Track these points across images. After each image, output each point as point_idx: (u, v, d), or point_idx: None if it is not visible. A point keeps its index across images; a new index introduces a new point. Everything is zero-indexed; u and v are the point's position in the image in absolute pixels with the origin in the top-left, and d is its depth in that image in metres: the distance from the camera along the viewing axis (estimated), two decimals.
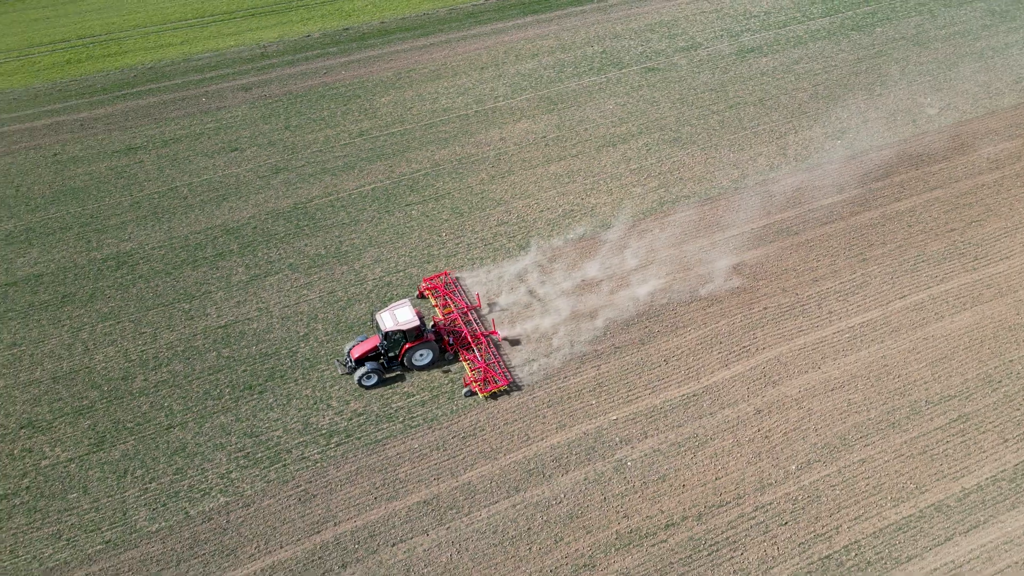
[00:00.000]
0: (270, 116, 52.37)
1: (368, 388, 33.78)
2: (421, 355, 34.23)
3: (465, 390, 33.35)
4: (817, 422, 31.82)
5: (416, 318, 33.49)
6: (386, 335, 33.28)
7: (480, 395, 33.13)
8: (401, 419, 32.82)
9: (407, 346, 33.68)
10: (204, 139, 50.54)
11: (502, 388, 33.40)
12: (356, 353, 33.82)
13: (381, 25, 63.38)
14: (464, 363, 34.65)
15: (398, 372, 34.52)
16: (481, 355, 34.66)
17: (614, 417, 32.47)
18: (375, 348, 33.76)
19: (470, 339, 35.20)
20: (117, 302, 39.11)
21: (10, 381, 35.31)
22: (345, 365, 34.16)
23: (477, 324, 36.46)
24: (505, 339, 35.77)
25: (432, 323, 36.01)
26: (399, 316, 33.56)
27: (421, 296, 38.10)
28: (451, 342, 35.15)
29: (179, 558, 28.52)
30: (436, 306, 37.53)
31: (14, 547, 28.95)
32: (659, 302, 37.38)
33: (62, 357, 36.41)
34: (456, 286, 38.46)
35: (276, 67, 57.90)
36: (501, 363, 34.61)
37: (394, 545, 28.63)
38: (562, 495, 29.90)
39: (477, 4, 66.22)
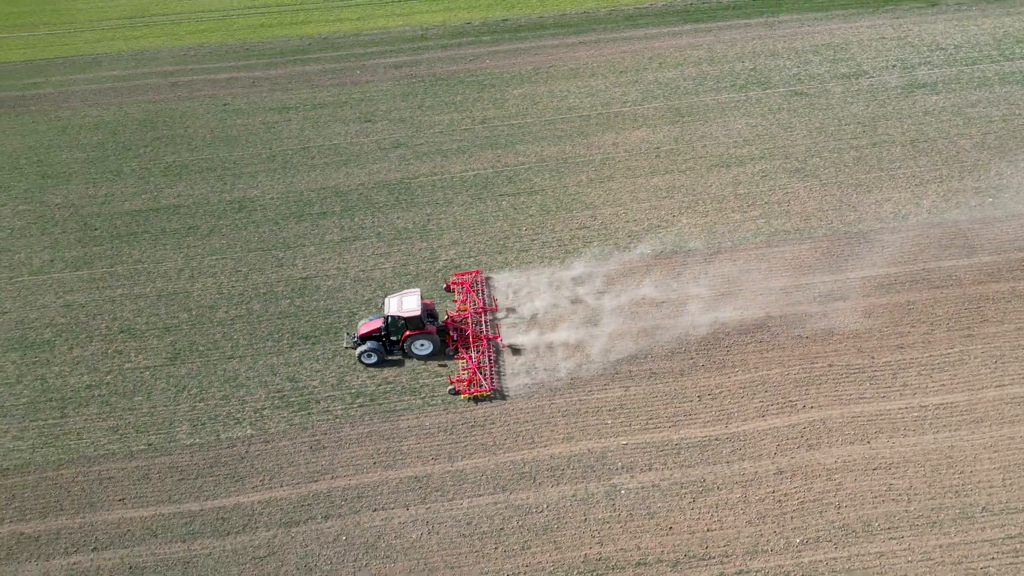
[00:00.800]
0: (408, 94, 55.50)
1: (368, 366, 35.12)
2: (421, 345, 34.99)
3: (449, 388, 33.76)
4: (843, 499, 28.61)
5: (418, 308, 34.20)
6: (388, 319, 34.43)
7: (462, 395, 33.37)
8: (423, 395, 34.00)
9: (407, 334, 34.61)
10: (346, 108, 54.73)
11: (484, 393, 33.28)
12: (362, 330, 35.30)
13: (539, 19, 64.48)
14: (459, 361, 34.98)
15: (399, 357, 35.61)
16: (476, 357, 34.72)
17: (624, 441, 31.35)
18: (379, 329, 35.02)
19: (471, 339, 35.34)
20: (228, 240, 43.85)
21: (125, 291, 41.03)
22: (352, 339, 35.79)
23: (486, 326, 36.57)
24: (510, 346, 35.60)
25: (445, 317, 36.65)
26: (404, 303, 34.56)
27: (448, 289, 38.77)
28: (455, 338, 35.56)
29: (198, 473, 31.88)
30: (455, 301, 38.05)
31: (80, 431, 33.91)
32: (713, 336, 35.28)
33: (170, 279, 41.61)
34: (482, 286, 38.71)
35: (430, 50, 61.04)
36: (493, 369, 34.47)
37: (375, 511, 29.95)
38: (545, 505, 29.52)
39: (641, 7, 65.22)
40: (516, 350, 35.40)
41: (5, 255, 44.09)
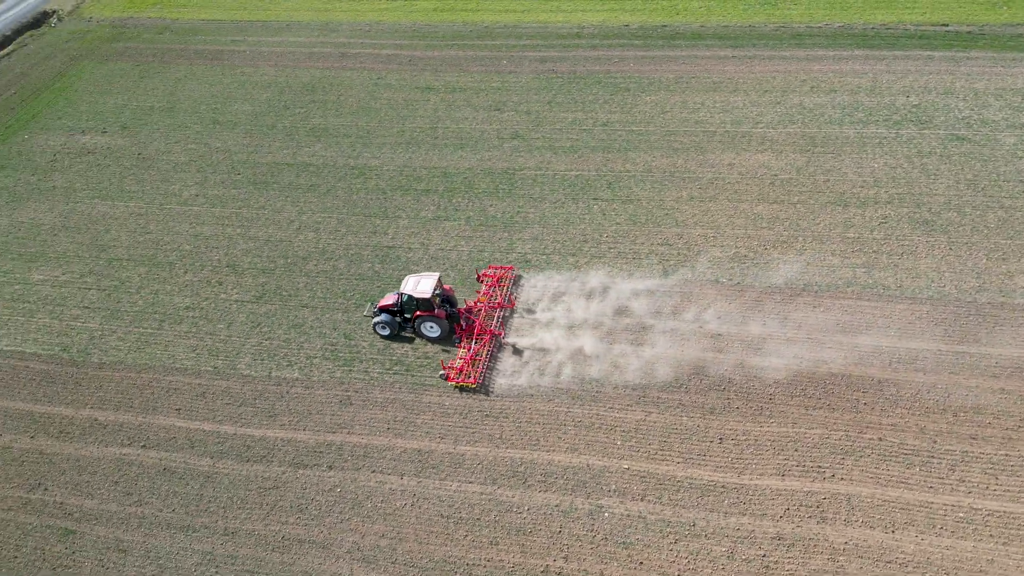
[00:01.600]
0: (542, 89, 56.24)
1: (383, 337, 37.06)
2: (430, 327, 36.01)
3: (440, 373, 34.47)
4: None
5: (430, 291, 35.10)
6: (403, 297, 35.79)
7: (448, 382, 34.13)
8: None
9: (417, 314, 35.77)
10: (482, 95, 56.62)
11: (470, 385, 33.74)
12: (381, 303, 36.96)
13: (699, 28, 62.22)
14: (459, 349, 35.68)
15: (411, 335, 36.94)
16: (474, 348, 35.07)
17: (627, 465, 30.35)
18: (395, 305, 36.48)
19: (476, 331, 35.88)
20: (339, 201, 47.44)
21: (241, 232, 45.88)
22: (372, 308, 37.77)
23: (497, 322, 36.89)
24: (513, 345, 35.73)
25: (463, 305, 37.36)
26: (420, 285, 35.61)
27: (479, 280, 39.30)
28: (462, 327, 36.23)
29: (243, 401, 35.35)
30: (478, 292, 38.59)
31: (168, 344, 38.79)
32: (759, 379, 32.85)
33: (280, 227, 45.91)
34: (508, 283, 39.00)
35: (580, 48, 61.23)
36: (485, 363, 34.70)
37: (373, 472, 31.58)
38: (525, 508, 29.48)
39: (813, 25, 60.71)
40: (518, 350, 35.50)
41: (165, 184, 50.93)
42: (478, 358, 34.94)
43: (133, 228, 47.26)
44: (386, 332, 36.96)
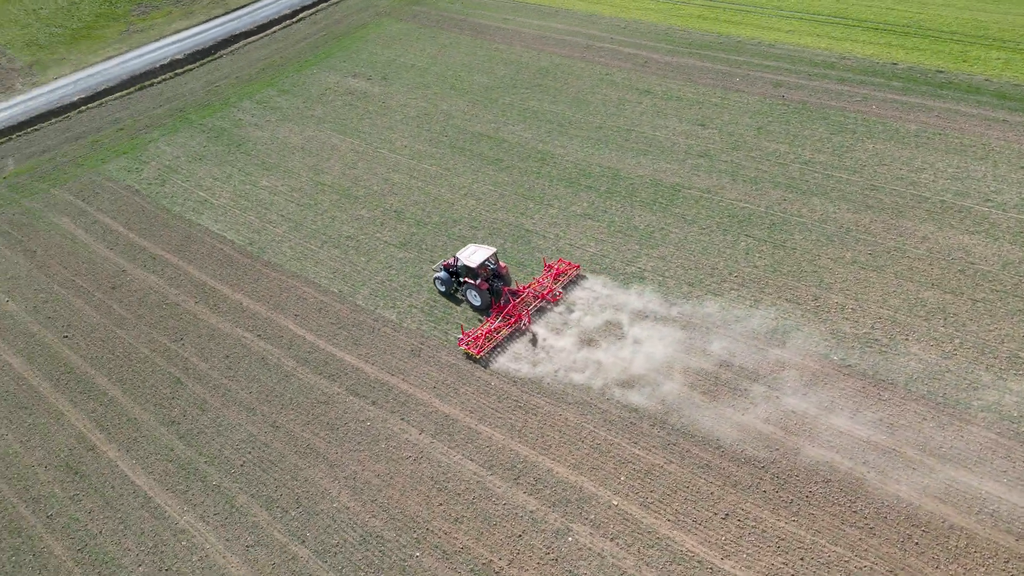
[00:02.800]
0: (759, 113, 52.49)
1: (440, 293, 40.20)
2: (473, 295, 37.74)
3: (460, 336, 36.02)
4: None
5: (479, 262, 36.82)
6: (456, 260, 38.26)
7: (458, 345, 36.38)
8: (516, 358, 35.75)
9: (465, 280, 37.24)
10: (695, 107, 54.59)
11: (474, 355, 35.68)
12: (446, 262, 39.66)
13: (982, 82, 52.57)
14: (486, 322, 37.32)
15: (461, 298, 39.32)
16: (497, 325, 36.55)
17: (616, 502, 28.86)
18: (451, 266, 39.21)
19: (509, 310, 37.02)
20: (511, 179, 49.80)
21: (420, 185, 50.62)
22: (439, 266, 40.26)
23: (533, 308, 37.81)
24: (534, 335, 36.45)
25: (514, 286, 38.53)
26: (474, 254, 37.56)
27: (547, 268, 39.90)
28: (500, 304, 37.47)
29: (343, 324, 39.91)
30: (535, 277, 39.60)
31: (318, 262, 44.84)
32: (807, 474, 28.63)
33: (452, 190, 49.72)
34: (566, 279, 39.28)
35: (826, 79, 55.70)
36: (500, 341, 36.26)
37: (402, 419, 34.01)
38: (503, 503, 29.71)
39: None
40: (535, 340, 36.28)
41: (387, 132, 57.82)
42: (496, 335, 36.54)
43: (345, 161, 54.70)
44: (442, 289, 39.88)
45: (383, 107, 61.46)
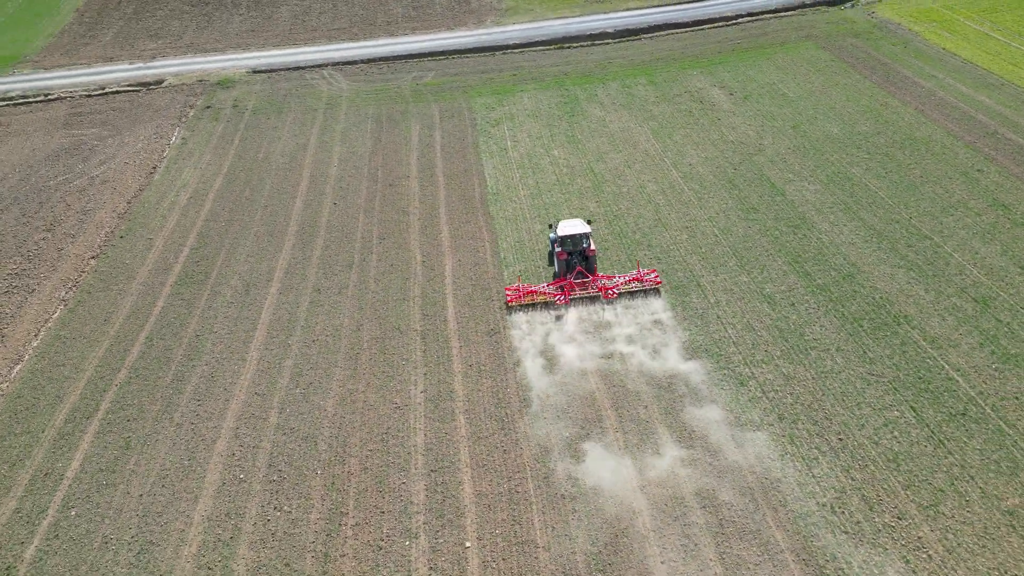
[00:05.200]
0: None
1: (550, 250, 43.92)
2: (556, 259, 41.55)
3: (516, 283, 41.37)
4: None
5: (564, 235, 40.94)
6: (554, 226, 43.79)
7: (504, 289, 40.86)
8: (591, 344, 36.43)
9: (554, 245, 42.28)
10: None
11: (507, 303, 39.69)
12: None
13: None
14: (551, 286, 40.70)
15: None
16: (547, 292, 39.97)
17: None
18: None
19: (567, 284, 40.19)
20: (736, 226, 44.91)
21: (640, 210, 49.03)
22: (553, 229, 43.61)
23: (585, 290, 40.04)
24: (561, 315, 38.95)
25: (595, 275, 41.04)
26: (566, 227, 41.54)
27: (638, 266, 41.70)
28: (563, 277, 40.60)
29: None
30: (624, 275, 41.16)
31: (518, 229, 47.98)
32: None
33: (684, 217, 47.11)
34: (650, 283, 40.21)
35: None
36: (534, 303, 39.61)
37: (446, 370, 36.64)
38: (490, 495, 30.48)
39: None
40: (559, 317, 38.82)
41: (691, 147, 55.79)
42: (534, 297, 39.78)
43: (623, 160, 54.85)
44: (551, 248, 43.77)
45: (713, 122, 59.13)
